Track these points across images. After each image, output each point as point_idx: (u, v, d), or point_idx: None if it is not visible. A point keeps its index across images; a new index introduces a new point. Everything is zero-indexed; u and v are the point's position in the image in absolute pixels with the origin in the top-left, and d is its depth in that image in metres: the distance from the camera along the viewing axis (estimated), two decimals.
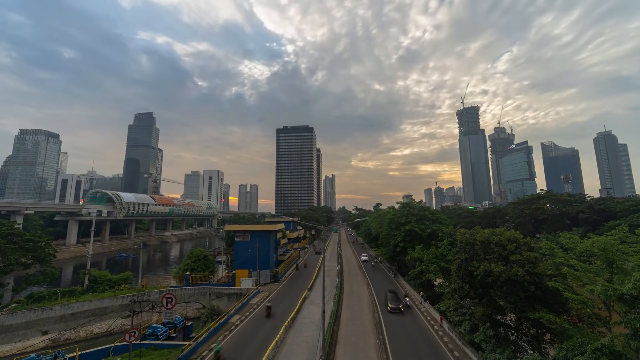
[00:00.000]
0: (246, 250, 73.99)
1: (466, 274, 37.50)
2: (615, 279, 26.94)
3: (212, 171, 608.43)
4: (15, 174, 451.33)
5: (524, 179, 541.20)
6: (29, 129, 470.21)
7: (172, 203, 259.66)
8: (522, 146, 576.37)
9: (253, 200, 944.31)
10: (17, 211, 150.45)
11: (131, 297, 55.86)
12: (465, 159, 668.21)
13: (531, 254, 33.23)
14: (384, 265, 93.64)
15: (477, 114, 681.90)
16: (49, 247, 70.60)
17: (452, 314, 40.51)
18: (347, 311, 51.40)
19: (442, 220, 75.82)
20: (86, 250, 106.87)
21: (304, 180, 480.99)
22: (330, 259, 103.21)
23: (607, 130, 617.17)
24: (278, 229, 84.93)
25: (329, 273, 76.57)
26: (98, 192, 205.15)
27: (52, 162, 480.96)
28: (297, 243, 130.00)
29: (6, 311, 50.55)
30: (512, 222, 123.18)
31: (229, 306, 56.75)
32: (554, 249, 35.77)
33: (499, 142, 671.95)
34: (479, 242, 37.16)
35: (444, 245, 59.87)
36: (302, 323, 45.59)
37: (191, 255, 77.71)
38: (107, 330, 53.52)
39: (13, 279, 78.68)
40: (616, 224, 74.04)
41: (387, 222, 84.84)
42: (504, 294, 32.63)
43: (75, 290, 62.91)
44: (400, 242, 72.66)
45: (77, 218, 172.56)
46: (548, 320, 29.13)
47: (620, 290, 21.96)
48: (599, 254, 28.65)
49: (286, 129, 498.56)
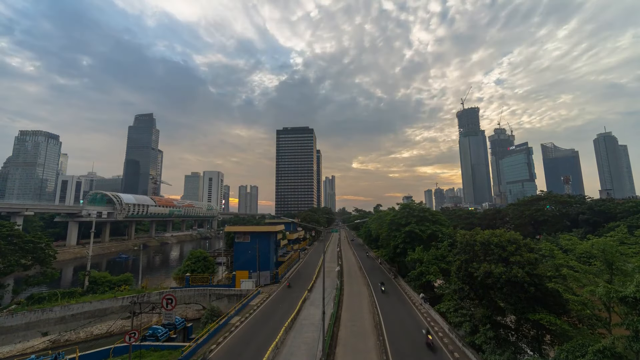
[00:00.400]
0: (246, 252, 73.92)
1: (466, 275, 37.53)
2: (615, 280, 26.93)
3: (212, 172, 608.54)
4: (15, 175, 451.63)
5: (524, 180, 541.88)
6: (29, 130, 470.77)
7: (172, 204, 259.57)
8: (522, 147, 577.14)
9: (253, 201, 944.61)
10: (17, 212, 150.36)
11: (131, 299, 55.93)
12: (465, 160, 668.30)
13: (531, 255, 33.24)
14: (384, 266, 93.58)
15: (477, 116, 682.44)
16: (49, 248, 70.62)
17: (452, 315, 40.47)
18: (347, 312, 51.38)
19: (442, 222, 75.78)
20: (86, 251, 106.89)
21: (304, 182, 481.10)
22: (330, 260, 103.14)
23: (607, 132, 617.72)
24: (278, 230, 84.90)
25: (329, 274, 76.51)
26: (98, 194, 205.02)
27: (52, 164, 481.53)
28: (297, 244, 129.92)
29: (6, 312, 50.53)
30: (512, 223, 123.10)
31: (229, 307, 56.77)
32: (553, 250, 35.76)
33: (499, 143, 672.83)
34: (479, 244, 37.21)
35: (444, 247, 59.88)
36: (302, 324, 45.57)
37: (191, 257, 77.66)
38: (107, 331, 53.47)
39: (13, 280, 78.70)
40: (616, 225, 73.97)
41: (387, 224, 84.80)
42: (504, 295, 32.67)
43: (76, 292, 62.93)
44: (401, 244, 72.59)
45: (77, 219, 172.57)
46: (548, 321, 29.13)
47: (622, 292, 21.93)
48: (599, 255, 28.64)
49: (286, 130, 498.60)
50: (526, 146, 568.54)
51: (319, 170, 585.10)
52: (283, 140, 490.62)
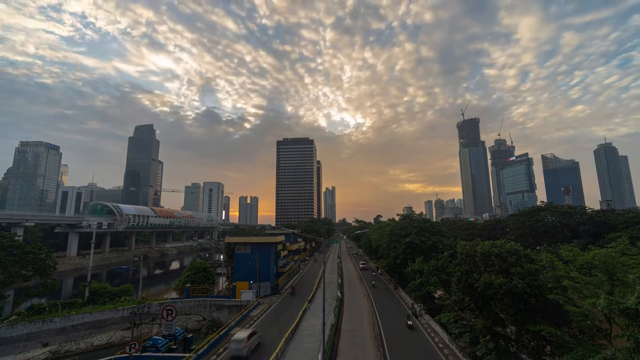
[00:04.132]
0: (246, 263, 73.90)
1: (466, 286, 37.57)
2: (616, 291, 27.03)
3: (212, 183, 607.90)
4: (15, 186, 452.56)
5: (524, 191, 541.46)
6: (30, 141, 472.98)
7: (172, 215, 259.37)
8: (522, 158, 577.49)
9: (253, 212, 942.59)
10: (18, 223, 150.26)
11: (131, 309, 55.71)
12: (465, 170, 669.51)
13: (531, 267, 33.37)
14: (385, 277, 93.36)
15: (478, 126, 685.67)
16: (49, 259, 70.70)
17: (453, 326, 40.43)
18: (348, 323, 51.30)
19: (442, 233, 75.87)
20: (86, 262, 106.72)
21: (304, 192, 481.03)
22: (330, 271, 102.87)
23: (607, 142, 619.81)
24: (278, 241, 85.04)
25: (329, 285, 76.34)
26: (98, 204, 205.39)
27: (52, 174, 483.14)
28: (298, 255, 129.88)
29: (7, 323, 50.46)
30: (512, 234, 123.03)
31: (229, 318, 56.63)
32: (554, 261, 35.89)
33: (499, 154, 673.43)
34: (479, 254, 37.36)
35: (444, 258, 59.79)
36: (302, 335, 45.52)
37: (192, 267, 77.71)
38: (108, 342, 53.25)
39: (14, 291, 78.61)
40: (617, 236, 73.87)
41: (387, 234, 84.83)
42: (504, 306, 32.69)
43: (76, 302, 62.84)
44: (401, 254, 72.53)
45: (78, 230, 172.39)
46: (549, 332, 29.09)
47: (624, 303, 22.03)
48: (600, 266, 28.77)
49: (286, 141, 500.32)
50: (526, 157, 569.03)
51: (320, 181, 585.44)
52: (283, 151, 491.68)
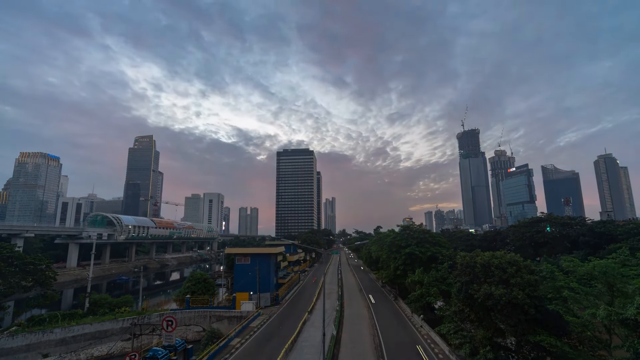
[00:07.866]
0: (246, 273, 73.91)
1: (466, 297, 37.62)
2: (616, 302, 27.20)
3: (213, 194, 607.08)
4: (15, 196, 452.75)
5: (524, 202, 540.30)
6: (30, 152, 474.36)
7: (172, 226, 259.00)
8: (522, 169, 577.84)
9: (253, 223, 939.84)
10: (18, 234, 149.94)
11: (132, 320, 55.54)
12: (465, 181, 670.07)
13: (531, 277, 33.49)
14: (385, 289, 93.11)
15: (478, 137, 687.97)
16: (49, 270, 70.76)
17: (453, 337, 40.37)
18: (348, 334, 51.18)
19: (442, 243, 75.94)
20: (86, 273, 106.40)
21: (304, 203, 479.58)
22: (330, 282, 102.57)
23: (607, 153, 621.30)
24: (278, 252, 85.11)
25: (329, 296, 76.18)
26: (98, 215, 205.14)
27: (52, 185, 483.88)
28: (298, 266, 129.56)
29: (7, 334, 50.33)
30: (512, 245, 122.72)
31: (229, 329, 56.43)
32: (554, 272, 36.05)
33: (499, 165, 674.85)
34: (479, 265, 37.48)
35: (444, 268, 59.87)
36: (302, 346, 45.44)
37: (191, 278, 77.50)
38: (108, 353, 53.04)
39: (14, 302, 78.40)
40: (617, 247, 73.87)
41: (387, 245, 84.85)
42: (504, 317, 32.73)
43: (76, 313, 62.55)
44: (401, 265, 72.55)
45: (78, 241, 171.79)
46: (549, 343, 29.16)
47: (623, 314, 22.22)
48: (600, 277, 28.94)
49: (286, 152, 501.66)
50: (526, 168, 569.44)
51: (319, 192, 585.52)
52: (283, 162, 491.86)
